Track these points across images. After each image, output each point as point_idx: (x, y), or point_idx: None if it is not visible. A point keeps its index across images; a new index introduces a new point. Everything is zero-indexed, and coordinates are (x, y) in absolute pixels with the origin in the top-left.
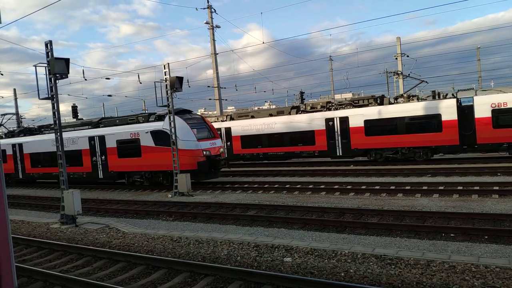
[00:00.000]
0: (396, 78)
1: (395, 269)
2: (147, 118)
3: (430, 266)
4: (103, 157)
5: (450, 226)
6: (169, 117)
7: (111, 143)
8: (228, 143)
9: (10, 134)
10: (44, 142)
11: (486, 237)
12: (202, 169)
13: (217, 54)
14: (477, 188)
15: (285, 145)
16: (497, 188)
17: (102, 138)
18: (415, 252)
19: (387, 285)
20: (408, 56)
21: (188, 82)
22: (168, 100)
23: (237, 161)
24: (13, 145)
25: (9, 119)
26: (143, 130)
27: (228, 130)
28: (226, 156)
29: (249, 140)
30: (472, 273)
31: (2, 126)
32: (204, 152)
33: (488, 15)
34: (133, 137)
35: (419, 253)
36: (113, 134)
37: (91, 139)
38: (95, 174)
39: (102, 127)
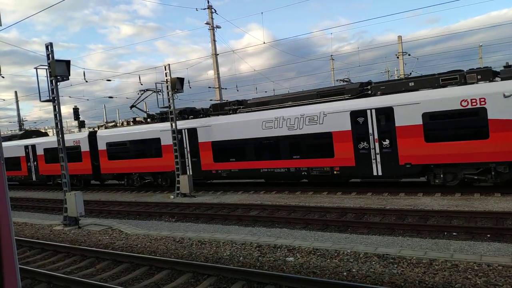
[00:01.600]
0: (398, 77)
1: (397, 268)
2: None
3: (432, 265)
4: None
5: (452, 225)
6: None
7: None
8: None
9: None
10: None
11: (488, 235)
12: None
13: (218, 54)
14: (480, 186)
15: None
16: (500, 187)
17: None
18: (418, 251)
19: (389, 284)
20: (409, 55)
21: (189, 83)
22: (169, 101)
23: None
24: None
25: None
26: None
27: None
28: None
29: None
30: (474, 272)
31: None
32: None
33: (491, 12)
34: None
35: (421, 252)
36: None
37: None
38: None
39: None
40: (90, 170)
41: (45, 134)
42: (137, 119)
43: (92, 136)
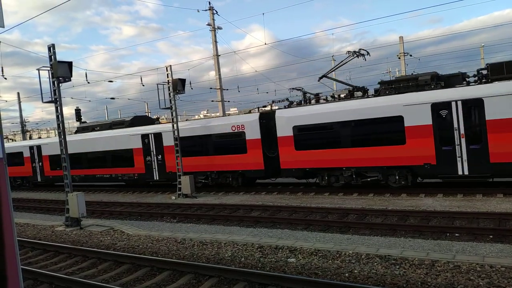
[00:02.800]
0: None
1: (399, 269)
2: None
3: (435, 266)
4: None
5: (454, 226)
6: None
7: None
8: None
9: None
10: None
11: (491, 236)
12: None
13: (219, 55)
14: (482, 187)
15: None
16: (502, 187)
17: None
18: (420, 252)
19: (391, 286)
20: (411, 56)
21: (190, 84)
22: (171, 103)
23: None
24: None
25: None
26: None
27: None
28: None
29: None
30: (477, 273)
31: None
32: None
33: (494, 12)
34: None
35: (423, 253)
36: None
37: None
38: None
39: None
40: (261, 165)
41: (154, 121)
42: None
43: (265, 118)
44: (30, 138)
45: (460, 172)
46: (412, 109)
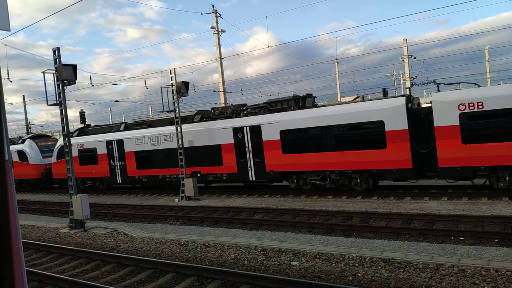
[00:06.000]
0: (404, 80)
1: (403, 273)
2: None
3: (439, 270)
4: None
5: (459, 230)
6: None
7: None
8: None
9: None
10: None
11: (496, 240)
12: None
13: (223, 58)
14: (487, 190)
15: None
16: (507, 191)
17: None
18: (424, 255)
19: None
20: (415, 58)
21: (194, 86)
22: (174, 105)
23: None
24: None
25: None
26: None
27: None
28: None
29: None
30: (482, 277)
31: None
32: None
33: (501, 13)
34: None
35: (428, 256)
36: None
37: None
38: None
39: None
40: (408, 162)
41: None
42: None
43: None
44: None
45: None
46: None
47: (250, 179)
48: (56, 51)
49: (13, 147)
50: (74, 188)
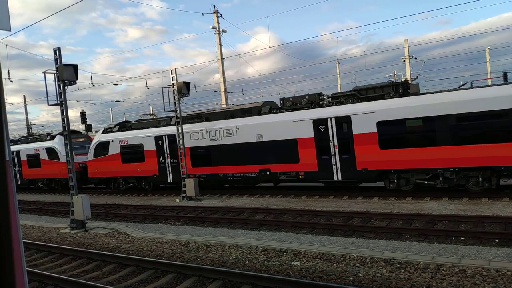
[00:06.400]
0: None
1: (404, 273)
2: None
3: (440, 270)
4: None
5: (460, 230)
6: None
7: None
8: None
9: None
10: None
11: (497, 240)
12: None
13: (224, 59)
14: (487, 191)
15: None
16: (508, 191)
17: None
18: (425, 256)
19: None
20: (416, 58)
21: (195, 87)
22: (175, 105)
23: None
24: None
25: None
26: None
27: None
28: None
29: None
30: (483, 277)
31: None
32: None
33: (503, 14)
34: None
35: (429, 257)
36: None
37: None
38: None
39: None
40: None
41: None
42: None
43: None
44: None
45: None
46: None
47: (335, 178)
48: (57, 51)
49: (42, 144)
50: (75, 189)
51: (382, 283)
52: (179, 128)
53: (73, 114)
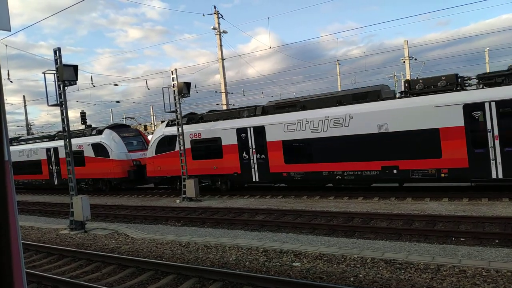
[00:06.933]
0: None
1: (405, 273)
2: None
3: (440, 271)
4: None
5: (460, 230)
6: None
7: None
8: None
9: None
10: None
11: (497, 241)
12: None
13: (225, 59)
14: (488, 191)
15: None
16: (507, 191)
17: None
18: (425, 256)
19: None
20: (415, 59)
21: (195, 87)
22: (176, 106)
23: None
24: None
25: None
26: None
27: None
28: None
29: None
30: (483, 278)
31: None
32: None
33: (502, 15)
34: None
35: (429, 257)
36: None
37: None
38: None
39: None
40: None
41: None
42: None
43: None
44: None
45: None
46: None
47: (493, 176)
48: (57, 51)
49: (86, 140)
50: (74, 189)
51: (383, 284)
52: (179, 128)
53: (73, 114)
